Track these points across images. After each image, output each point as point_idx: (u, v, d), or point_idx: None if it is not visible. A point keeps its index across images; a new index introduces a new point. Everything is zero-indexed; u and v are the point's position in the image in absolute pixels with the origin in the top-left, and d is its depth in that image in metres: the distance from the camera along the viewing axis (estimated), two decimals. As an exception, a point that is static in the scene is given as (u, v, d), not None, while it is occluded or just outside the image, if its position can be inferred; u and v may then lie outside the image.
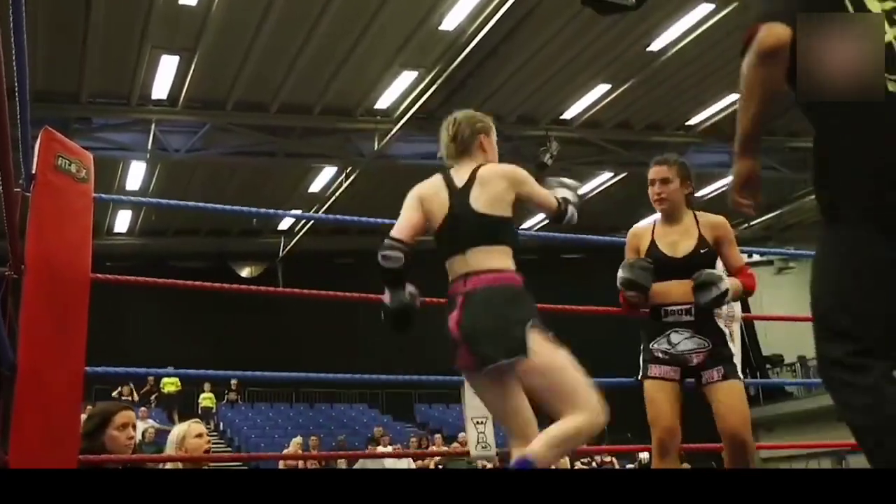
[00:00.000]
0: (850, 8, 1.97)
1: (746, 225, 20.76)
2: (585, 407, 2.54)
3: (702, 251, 3.39)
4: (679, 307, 3.36)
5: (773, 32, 1.97)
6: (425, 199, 2.80)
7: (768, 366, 18.70)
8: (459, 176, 2.80)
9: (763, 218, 20.50)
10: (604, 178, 17.25)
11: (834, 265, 1.95)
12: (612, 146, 15.72)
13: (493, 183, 2.72)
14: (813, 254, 2.06)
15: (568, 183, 3.00)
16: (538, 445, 2.49)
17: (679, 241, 3.44)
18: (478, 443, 3.82)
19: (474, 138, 2.90)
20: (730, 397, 3.26)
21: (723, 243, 3.44)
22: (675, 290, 3.38)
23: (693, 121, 15.35)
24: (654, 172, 3.57)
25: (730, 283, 3.32)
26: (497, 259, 2.67)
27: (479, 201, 2.71)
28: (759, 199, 2.23)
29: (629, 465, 15.20)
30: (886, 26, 1.94)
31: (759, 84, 2.03)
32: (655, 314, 3.42)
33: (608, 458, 15.01)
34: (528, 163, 15.06)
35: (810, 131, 2.08)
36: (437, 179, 2.83)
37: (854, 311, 1.87)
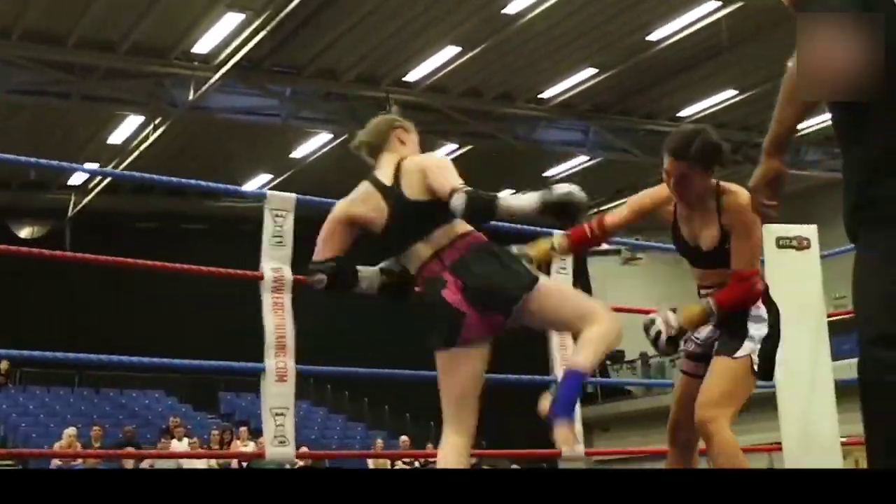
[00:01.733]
0: None
1: (596, 209, 21.60)
2: (600, 314, 2.96)
3: (725, 246, 3.26)
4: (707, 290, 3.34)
5: None
6: (356, 215, 3.09)
7: (609, 362, 19.56)
8: (384, 174, 3.09)
9: (613, 203, 21.37)
10: (448, 150, 17.45)
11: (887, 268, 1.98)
12: (459, 115, 15.92)
13: (414, 175, 3.02)
14: (666, 247, 2.16)
15: (555, 188, 3.11)
16: (580, 356, 2.89)
17: (701, 230, 3.35)
18: (275, 437, 3.80)
19: (390, 133, 3.18)
20: (708, 372, 3.26)
21: (733, 233, 3.26)
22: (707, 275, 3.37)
23: (546, 94, 15.76)
24: (666, 164, 3.40)
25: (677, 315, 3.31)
26: (458, 227, 3.02)
27: (413, 192, 3.00)
28: (781, 201, 2.31)
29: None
30: None
31: None
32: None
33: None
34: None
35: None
36: (363, 186, 3.12)
37: None
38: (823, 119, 16.91)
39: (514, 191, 19.73)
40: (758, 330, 3.25)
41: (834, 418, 4.44)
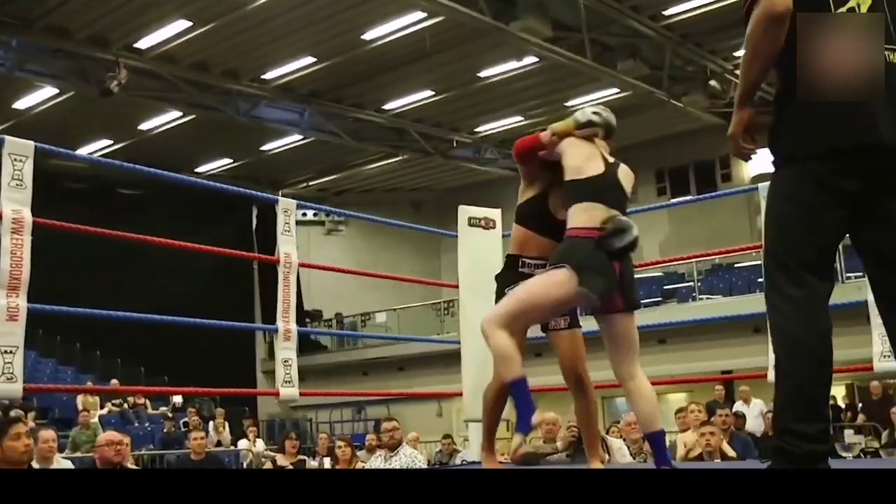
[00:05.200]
0: None
1: (306, 184, 21.56)
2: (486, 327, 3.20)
3: None
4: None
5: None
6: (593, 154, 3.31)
7: (308, 319, 19.67)
8: (608, 154, 3.38)
9: (321, 180, 21.43)
10: (172, 117, 16.68)
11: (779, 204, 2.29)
12: (186, 85, 15.23)
13: (624, 176, 3.37)
14: (360, 215, 2.25)
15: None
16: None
17: None
18: (2, 373, 3.51)
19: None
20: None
21: None
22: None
23: (269, 75, 15.46)
24: None
25: None
26: None
27: (623, 181, 3.32)
28: (757, 143, 2.42)
29: (163, 408, 15.02)
30: None
31: (766, 44, 2.22)
32: None
33: (141, 400, 14.67)
34: (92, 86, 14.01)
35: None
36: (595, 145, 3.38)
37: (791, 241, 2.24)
38: (502, 123, 18.02)
39: (231, 160, 19.31)
40: None
41: (504, 369, 4.76)
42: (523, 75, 15.35)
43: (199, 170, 19.44)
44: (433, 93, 16.36)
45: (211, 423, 13.01)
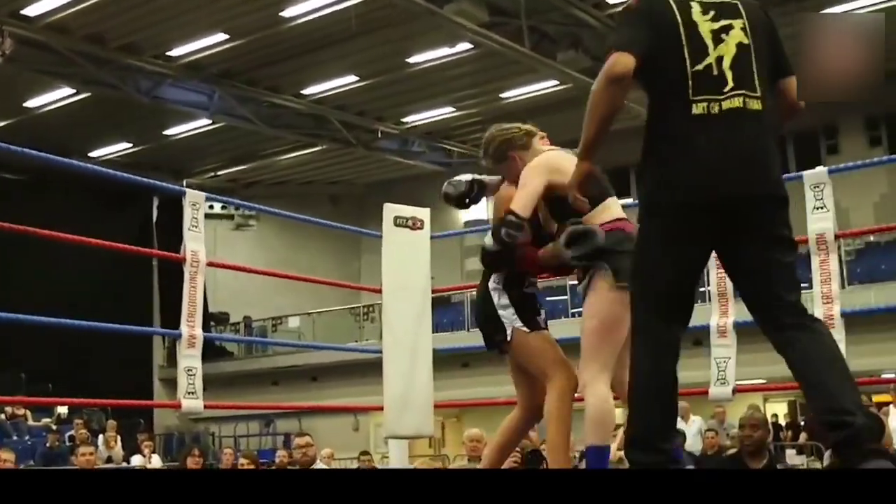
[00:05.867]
0: (682, 33, 2.46)
1: (213, 174, 21.26)
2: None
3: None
4: None
5: (621, 61, 2.50)
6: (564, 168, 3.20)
7: (213, 323, 19.39)
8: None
9: (230, 170, 21.16)
10: (63, 94, 16.25)
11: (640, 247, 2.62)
12: (80, 59, 14.84)
13: None
14: (272, 210, 2.35)
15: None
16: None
17: None
18: None
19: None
20: None
21: None
22: None
23: (175, 52, 15.18)
24: None
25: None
26: None
27: None
28: (591, 194, 2.90)
29: (46, 419, 14.64)
30: (710, 47, 2.44)
31: (606, 103, 2.54)
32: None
33: (21, 411, 14.30)
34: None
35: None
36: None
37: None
38: (432, 114, 18.08)
39: (131, 144, 18.91)
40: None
41: (430, 383, 4.78)
42: (456, 63, 15.42)
43: (93, 154, 18.95)
44: (357, 78, 16.30)
45: (101, 436, 12.74)
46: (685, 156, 2.45)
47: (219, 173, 21.28)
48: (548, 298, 12.33)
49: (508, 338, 3.44)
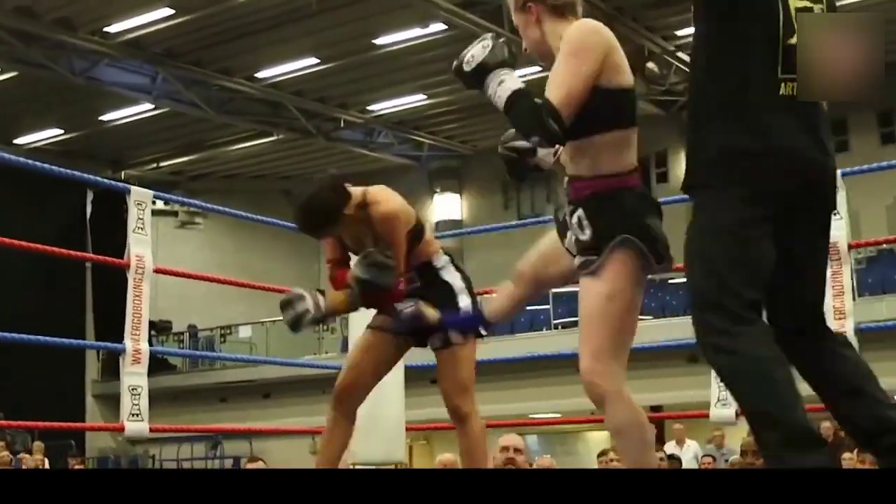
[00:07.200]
0: (780, 4, 2.46)
1: (155, 165, 21.15)
2: None
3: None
4: None
5: None
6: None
7: (153, 333, 19.26)
8: None
9: (174, 161, 21.06)
10: (-14, 74, 16.18)
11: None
12: (6, 35, 14.73)
13: None
14: (221, 209, 2.38)
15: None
16: None
17: (364, 241, 3.86)
18: None
19: None
20: None
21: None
22: None
23: (113, 28, 15.09)
24: None
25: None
26: None
27: None
28: None
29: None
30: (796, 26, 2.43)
31: None
32: None
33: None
34: None
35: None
36: None
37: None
38: (400, 102, 18.10)
39: (62, 131, 18.78)
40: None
41: (401, 402, 4.81)
42: (428, 45, 15.44)
43: (19, 141, 18.84)
44: (318, 61, 16.29)
45: (25, 459, 12.63)
46: (771, 140, 2.45)
47: (161, 164, 21.17)
48: (528, 308, 12.35)
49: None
